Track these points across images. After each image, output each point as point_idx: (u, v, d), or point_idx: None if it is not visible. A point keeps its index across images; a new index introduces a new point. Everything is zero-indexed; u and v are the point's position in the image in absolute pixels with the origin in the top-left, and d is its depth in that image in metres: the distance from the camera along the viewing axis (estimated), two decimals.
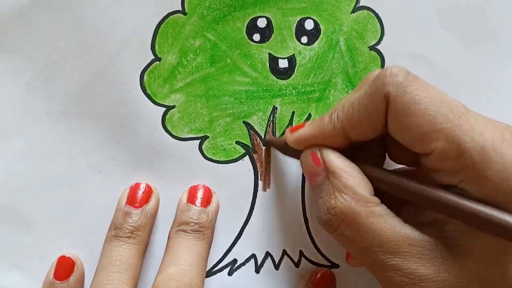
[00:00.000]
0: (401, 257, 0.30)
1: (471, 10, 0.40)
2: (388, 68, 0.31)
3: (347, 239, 0.32)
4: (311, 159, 0.34)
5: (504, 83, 0.40)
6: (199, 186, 0.38)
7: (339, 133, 0.33)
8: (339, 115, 0.32)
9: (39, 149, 0.37)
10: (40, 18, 0.36)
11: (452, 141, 0.29)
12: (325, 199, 0.32)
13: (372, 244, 0.31)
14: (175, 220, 0.37)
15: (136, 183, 0.38)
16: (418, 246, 0.30)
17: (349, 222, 0.31)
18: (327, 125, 0.33)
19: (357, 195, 0.31)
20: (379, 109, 0.31)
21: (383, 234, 0.31)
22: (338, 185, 0.32)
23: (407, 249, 0.30)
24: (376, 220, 0.31)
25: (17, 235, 0.38)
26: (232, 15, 0.38)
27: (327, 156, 0.33)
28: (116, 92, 0.37)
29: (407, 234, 0.31)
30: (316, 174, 0.33)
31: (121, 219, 0.36)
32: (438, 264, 0.30)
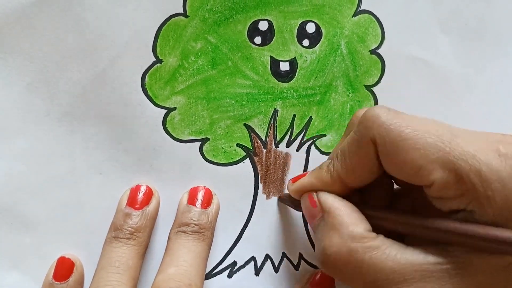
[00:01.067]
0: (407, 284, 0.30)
1: (471, 14, 0.40)
2: (369, 110, 0.31)
3: (350, 277, 0.31)
4: (308, 201, 0.34)
5: (504, 86, 0.41)
6: (199, 187, 0.38)
7: (336, 182, 0.33)
8: (335, 165, 0.33)
9: (40, 149, 0.37)
10: (41, 20, 0.36)
11: (448, 168, 0.29)
12: (321, 239, 0.32)
13: (377, 278, 0.30)
14: (175, 221, 0.37)
15: (137, 185, 0.38)
16: (422, 270, 0.30)
17: (347, 260, 0.31)
18: (325, 175, 0.34)
19: (352, 233, 0.31)
20: (369, 153, 0.31)
21: (385, 266, 0.30)
22: (333, 223, 0.32)
23: (411, 276, 0.30)
24: (375, 254, 0.30)
25: (17, 236, 0.38)
26: (233, 18, 0.38)
27: (322, 197, 0.33)
28: (117, 93, 0.37)
29: (409, 260, 0.30)
30: (313, 216, 0.34)
31: (121, 220, 0.36)
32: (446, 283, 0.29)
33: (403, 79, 0.40)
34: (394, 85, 0.40)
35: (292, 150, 0.40)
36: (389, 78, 0.40)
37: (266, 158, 0.40)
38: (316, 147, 0.40)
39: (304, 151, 0.40)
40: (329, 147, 0.40)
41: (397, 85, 0.40)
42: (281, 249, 0.40)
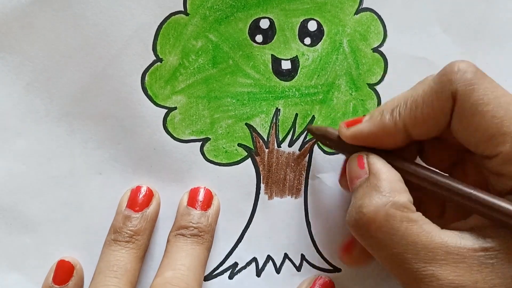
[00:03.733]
0: (437, 265, 0.29)
1: (473, 13, 0.40)
2: (455, 63, 0.30)
3: (378, 243, 0.30)
4: (357, 162, 0.33)
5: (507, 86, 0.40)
6: (199, 188, 0.38)
7: (400, 131, 0.32)
8: (401, 113, 0.32)
9: (40, 150, 0.37)
10: (41, 19, 0.36)
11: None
12: (359, 198, 0.31)
13: (406, 250, 0.29)
14: (174, 224, 0.37)
15: (137, 186, 0.37)
16: (456, 254, 0.29)
17: (382, 224, 0.30)
18: (388, 123, 0.32)
19: (394, 199, 0.30)
20: (445, 107, 0.30)
21: (418, 240, 0.29)
22: (377, 185, 0.31)
23: (443, 257, 0.29)
24: (411, 225, 0.29)
25: (17, 236, 0.38)
26: (234, 16, 0.38)
27: (372, 160, 0.32)
28: (117, 93, 0.37)
29: (444, 241, 0.29)
30: (357, 177, 0.33)
31: (121, 222, 0.36)
32: (476, 272, 0.29)
33: (406, 78, 0.39)
34: (397, 83, 0.39)
35: (295, 149, 0.39)
36: (392, 77, 0.39)
37: (268, 158, 0.39)
38: (319, 147, 0.40)
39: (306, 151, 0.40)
40: None
41: (400, 84, 0.39)
42: (283, 250, 0.40)
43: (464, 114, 0.29)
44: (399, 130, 0.32)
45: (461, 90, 0.29)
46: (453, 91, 0.29)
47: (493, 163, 0.29)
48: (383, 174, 0.31)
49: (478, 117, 0.29)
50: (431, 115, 0.30)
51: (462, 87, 0.29)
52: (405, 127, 0.31)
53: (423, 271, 0.29)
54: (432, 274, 0.29)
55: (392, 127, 0.32)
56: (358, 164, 0.33)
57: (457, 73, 0.29)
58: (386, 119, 0.32)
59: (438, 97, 0.30)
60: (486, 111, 0.29)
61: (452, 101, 0.29)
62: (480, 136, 0.29)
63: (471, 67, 0.30)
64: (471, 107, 0.29)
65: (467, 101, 0.29)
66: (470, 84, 0.29)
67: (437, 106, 0.30)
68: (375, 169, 0.32)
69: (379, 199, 0.30)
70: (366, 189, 0.31)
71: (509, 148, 0.28)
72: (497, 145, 0.29)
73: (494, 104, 0.29)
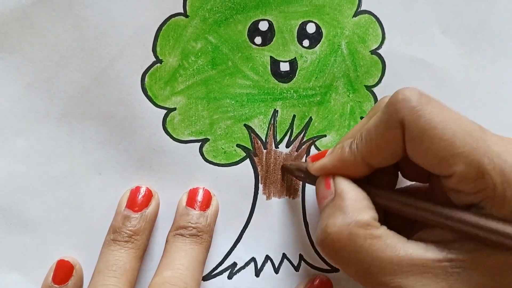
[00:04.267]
0: (402, 277, 0.30)
1: (472, 14, 0.40)
2: (400, 91, 0.31)
3: (345, 261, 0.31)
4: (324, 183, 0.34)
5: (506, 88, 0.40)
6: (198, 188, 0.38)
7: (359, 163, 0.33)
8: (358, 146, 0.33)
9: (40, 150, 0.37)
10: (41, 19, 0.36)
11: (471, 164, 0.29)
12: (325, 218, 0.32)
13: (372, 265, 0.30)
14: (173, 224, 0.37)
15: (137, 187, 0.38)
16: (420, 265, 0.30)
17: (346, 243, 0.31)
18: (347, 156, 0.33)
19: (357, 218, 0.31)
20: (396, 135, 0.30)
21: (383, 255, 0.30)
22: (340, 206, 0.32)
23: (408, 269, 0.30)
24: (375, 242, 0.30)
25: (16, 236, 0.38)
26: (233, 18, 0.38)
27: (337, 180, 0.34)
28: (117, 93, 0.37)
29: (408, 253, 0.30)
30: (324, 197, 0.34)
31: (120, 222, 0.36)
32: (441, 281, 0.30)
33: (404, 80, 0.40)
34: (395, 85, 0.39)
35: (292, 150, 0.40)
36: (390, 79, 0.40)
37: (266, 159, 0.39)
38: (316, 148, 0.40)
39: (304, 152, 0.40)
40: (329, 148, 0.40)
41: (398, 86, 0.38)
42: (281, 250, 0.40)
43: (414, 140, 0.30)
44: (358, 162, 0.33)
45: (407, 118, 0.30)
46: (400, 120, 0.30)
47: (450, 181, 0.30)
48: (347, 194, 0.32)
49: (427, 142, 0.29)
50: (384, 145, 0.31)
51: (407, 114, 0.30)
52: (363, 159, 0.32)
53: (390, 283, 0.30)
54: (399, 286, 0.30)
55: (352, 160, 0.33)
56: (325, 185, 0.34)
57: (402, 101, 0.30)
58: (345, 153, 0.33)
59: (388, 127, 0.31)
60: (434, 135, 0.29)
61: (401, 129, 0.30)
62: (432, 159, 0.30)
63: (414, 94, 0.30)
64: (419, 133, 0.30)
65: (414, 127, 0.30)
66: (415, 111, 0.30)
67: (388, 136, 0.31)
68: (339, 190, 0.33)
69: (342, 219, 0.31)
70: (331, 209, 0.32)
71: (462, 168, 0.29)
72: (450, 166, 0.29)
73: (441, 127, 0.29)
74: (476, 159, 0.29)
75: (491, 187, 0.29)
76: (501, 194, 0.29)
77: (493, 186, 0.29)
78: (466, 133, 0.29)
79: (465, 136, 0.29)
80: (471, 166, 0.29)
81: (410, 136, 0.30)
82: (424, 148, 0.30)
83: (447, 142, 0.29)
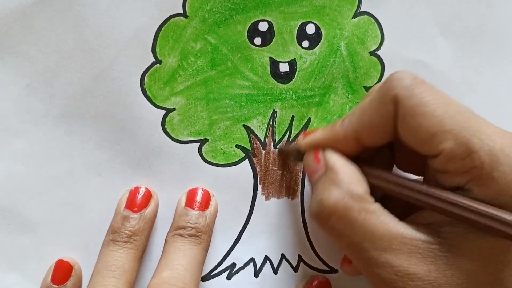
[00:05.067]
0: (392, 253, 0.30)
1: (471, 16, 0.40)
2: (395, 73, 0.31)
3: (339, 233, 0.32)
4: (313, 157, 0.34)
5: (504, 89, 0.41)
6: (197, 188, 0.38)
7: (350, 138, 0.33)
8: (350, 120, 0.33)
9: (39, 150, 0.37)
10: (41, 20, 0.36)
11: (461, 142, 0.29)
12: (319, 192, 0.32)
13: (364, 239, 0.31)
14: (172, 224, 0.37)
15: (136, 187, 0.38)
16: (410, 244, 0.30)
17: (341, 215, 0.31)
18: (338, 130, 0.33)
19: (352, 191, 0.31)
20: (388, 112, 0.31)
21: (375, 230, 0.31)
22: (334, 179, 0.32)
23: (398, 246, 0.30)
24: (369, 216, 0.31)
25: (16, 237, 0.38)
26: (233, 19, 0.38)
27: (328, 154, 0.34)
28: (116, 94, 0.37)
29: (400, 232, 0.30)
30: (315, 171, 0.34)
31: (119, 223, 0.36)
32: (430, 263, 0.30)
33: None
34: None
35: None
36: None
37: (265, 159, 0.40)
38: None
39: None
40: None
41: None
42: (280, 250, 0.40)
43: (406, 116, 0.30)
44: (349, 136, 0.33)
45: (400, 95, 0.30)
46: (394, 96, 0.31)
47: (438, 161, 0.30)
48: (340, 168, 0.33)
49: (419, 118, 0.30)
50: (376, 120, 0.32)
51: (401, 92, 0.30)
52: (354, 134, 0.33)
53: (379, 258, 0.30)
54: (386, 261, 0.30)
55: (342, 134, 0.33)
56: (315, 159, 0.34)
57: (397, 80, 0.31)
58: (337, 128, 0.34)
59: (381, 103, 0.31)
60: (426, 111, 0.30)
61: (394, 105, 0.31)
62: (422, 135, 0.30)
63: (410, 74, 0.31)
64: (411, 109, 0.30)
65: (407, 104, 0.30)
66: (409, 89, 0.30)
67: (381, 112, 0.31)
68: (331, 163, 0.33)
69: (337, 192, 0.32)
70: (325, 183, 0.33)
71: (451, 145, 0.29)
72: (439, 143, 0.30)
73: (433, 105, 0.30)
74: (466, 136, 0.29)
75: (479, 166, 0.29)
76: (489, 175, 0.29)
77: (481, 165, 0.29)
78: (457, 112, 0.30)
79: (456, 115, 0.30)
80: (460, 144, 0.29)
81: (403, 112, 0.30)
82: (415, 125, 0.30)
83: (437, 118, 0.29)
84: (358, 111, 0.33)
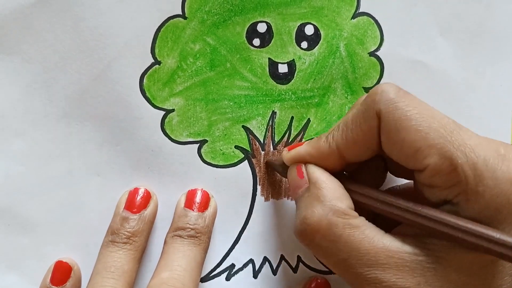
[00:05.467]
0: (379, 269, 0.30)
1: (471, 17, 0.40)
2: (378, 86, 0.31)
3: (325, 252, 0.31)
4: (296, 172, 0.34)
5: (504, 89, 0.41)
6: (197, 189, 0.38)
7: (334, 153, 0.33)
8: (334, 135, 0.33)
9: (38, 151, 0.37)
10: (40, 20, 0.36)
11: (445, 156, 0.29)
12: (303, 209, 0.32)
13: (350, 256, 0.30)
14: (172, 225, 0.37)
15: (135, 188, 0.38)
16: (397, 258, 0.30)
17: (325, 233, 0.31)
18: (323, 145, 0.33)
19: (335, 207, 0.31)
20: (371, 126, 0.31)
21: (361, 246, 0.30)
22: (317, 195, 0.32)
23: (385, 261, 0.30)
24: (353, 232, 0.30)
25: (15, 237, 0.38)
26: (232, 20, 0.38)
27: (311, 169, 0.33)
28: (116, 95, 0.37)
29: (386, 246, 0.30)
30: (298, 187, 0.34)
31: (119, 224, 0.36)
32: (418, 275, 0.30)
33: (402, 82, 0.39)
34: None
35: None
36: (388, 81, 0.39)
37: (264, 160, 0.39)
38: None
39: None
40: None
41: None
42: (279, 251, 0.40)
43: (390, 131, 0.30)
44: (333, 151, 0.33)
45: (384, 109, 0.30)
46: (377, 111, 0.30)
47: (424, 175, 0.30)
48: (323, 183, 0.32)
49: (403, 132, 0.30)
50: (360, 135, 0.32)
51: (384, 106, 0.30)
52: (338, 149, 0.33)
53: (367, 275, 0.30)
54: (375, 277, 0.30)
55: (326, 148, 0.33)
56: (298, 174, 0.34)
57: (380, 94, 0.31)
58: (322, 141, 0.33)
59: (364, 117, 0.31)
60: (410, 126, 0.30)
61: (377, 120, 0.31)
62: (407, 150, 0.30)
63: (393, 87, 0.31)
64: (395, 124, 0.30)
65: (391, 118, 0.30)
66: (392, 102, 0.30)
67: (364, 126, 0.31)
68: (314, 178, 0.33)
69: (321, 209, 0.31)
70: (308, 199, 0.32)
71: (435, 160, 0.29)
72: (424, 158, 0.29)
73: (417, 119, 0.30)
74: (450, 151, 0.29)
75: (464, 181, 0.29)
76: (474, 189, 0.29)
77: (466, 180, 0.29)
78: (441, 126, 0.30)
79: (439, 128, 0.29)
80: (444, 159, 0.29)
81: (387, 127, 0.30)
82: (399, 140, 0.30)
83: (421, 133, 0.29)
84: (341, 126, 0.33)
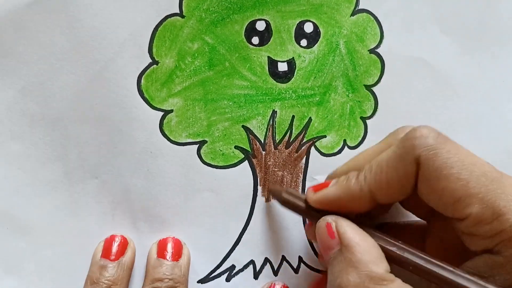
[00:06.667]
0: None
1: (471, 14, 0.40)
2: (417, 128, 0.30)
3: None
4: (326, 231, 0.32)
5: (506, 87, 0.40)
6: (168, 239, 0.38)
7: (366, 196, 0.32)
8: (366, 177, 0.32)
9: (35, 153, 0.37)
10: (35, 22, 0.36)
11: (487, 205, 0.28)
12: (337, 275, 0.31)
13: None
14: (147, 277, 0.37)
15: (111, 235, 0.37)
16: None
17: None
18: (353, 187, 0.32)
19: (372, 273, 0.30)
20: (409, 172, 0.30)
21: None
22: (352, 260, 0.30)
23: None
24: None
25: (12, 240, 0.38)
26: (230, 18, 0.38)
27: (342, 228, 0.32)
28: (113, 96, 0.37)
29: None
30: (330, 248, 0.32)
31: (97, 273, 0.36)
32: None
33: (403, 79, 0.39)
34: (394, 84, 0.39)
35: (291, 151, 0.39)
36: (389, 78, 0.39)
37: (265, 160, 0.39)
38: (316, 149, 0.40)
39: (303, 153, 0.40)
40: (329, 148, 0.40)
41: (397, 85, 0.39)
42: (280, 252, 0.40)
43: (429, 179, 0.30)
44: (364, 194, 0.32)
45: (424, 156, 0.29)
46: (416, 157, 0.30)
47: (464, 224, 0.29)
48: (357, 246, 0.31)
49: (443, 181, 0.29)
50: (395, 180, 0.31)
51: (424, 152, 0.29)
52: (370, 192, 0.32)
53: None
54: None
55: (358, 191, 0.32)
56: (328, 233, 0.32)
57: (419, 138, 0.30)
58: (352, 183, 0.32)
59: (402, 162, 0.30)
60: (451, 174, 0.29)
61: (416, 166, 0.30)
62: (447, 199, 0.29)
63: (432, 132, 0.30)
64: (435, 172, 0.29)
65: (431, 165, 0.29)
66: (433, 149, 0.29)
67: (401, 171, 0.30)
68: (347, 240, 0.31)
69: (356, 277, 0.30)
70: (341, 264, 0.31)
71: (477, 209, 0.29)
72: (465, 207, 0.29)
73: (458, 167, 0.29)
74: (492, 200, 0.28)
75: (508, 229, 0.28)
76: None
77: (510, 228, 0.28)
78: (482, 174, 0.29)
79: (481, 177, 0.29)
80: (486, 208, 0.28)
81: (426, 174, 0.30)
82: (440, 188, 0.29)
83: (463, 182, 0.29)
84: (375, 168, 0.32)
